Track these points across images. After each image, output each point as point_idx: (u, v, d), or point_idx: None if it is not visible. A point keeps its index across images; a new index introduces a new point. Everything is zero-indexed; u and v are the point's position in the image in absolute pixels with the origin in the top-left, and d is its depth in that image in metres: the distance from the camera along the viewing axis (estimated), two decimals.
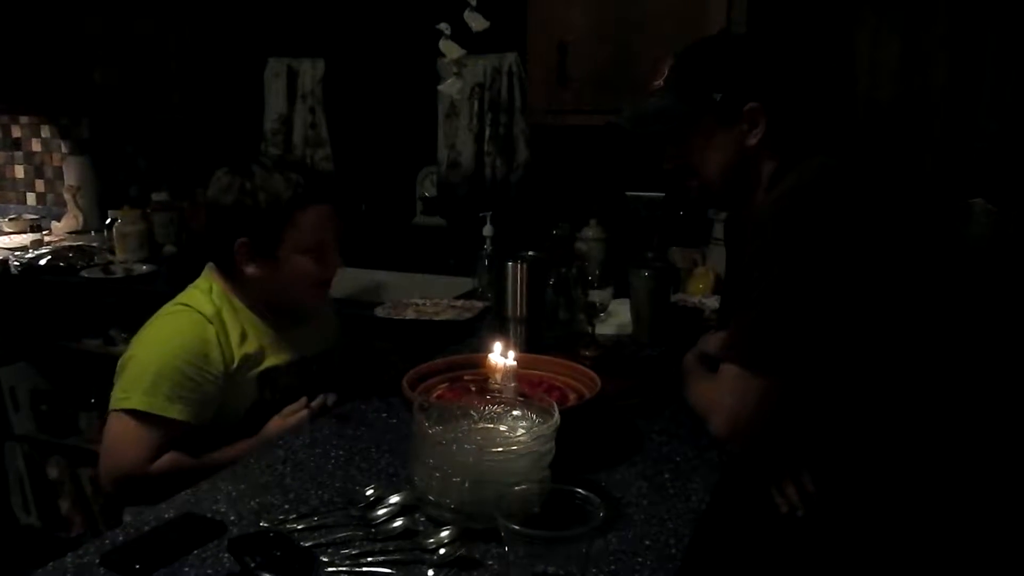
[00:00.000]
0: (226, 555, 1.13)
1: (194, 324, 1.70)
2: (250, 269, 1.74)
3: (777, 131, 1.44)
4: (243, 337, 1.74)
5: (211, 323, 1.71)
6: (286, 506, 1.29)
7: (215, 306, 1.74)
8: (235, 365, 1.71)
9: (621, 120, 1.58)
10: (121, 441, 1.64)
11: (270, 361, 1.77)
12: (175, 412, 1.63)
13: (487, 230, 2.77)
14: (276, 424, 1.72)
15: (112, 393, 1.67)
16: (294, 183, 1.71)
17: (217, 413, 1.71)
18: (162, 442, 1.63)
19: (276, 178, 1.70)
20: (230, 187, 1.71)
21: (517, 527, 1.02)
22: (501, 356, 1.45)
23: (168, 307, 1.76)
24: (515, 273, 1.98)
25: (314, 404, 1.72)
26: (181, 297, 1.77)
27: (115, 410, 1.65)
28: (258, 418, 1.74)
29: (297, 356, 1.83)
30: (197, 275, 1.84)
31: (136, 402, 1.62)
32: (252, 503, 1.30)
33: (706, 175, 1.50)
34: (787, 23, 2.54)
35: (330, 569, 1.10)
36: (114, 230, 3.28)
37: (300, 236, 1.72)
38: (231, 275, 1.78)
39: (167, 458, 1.63)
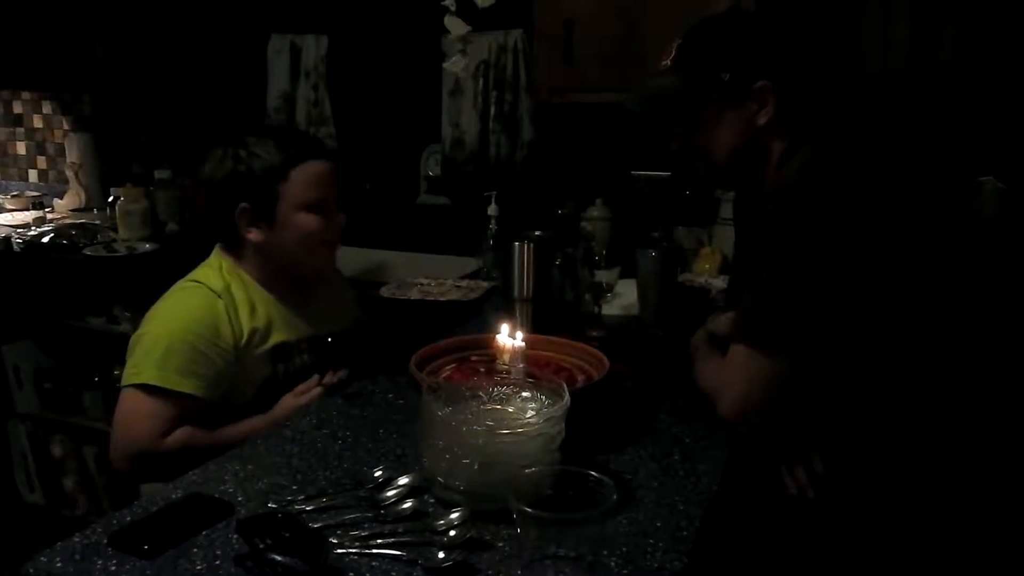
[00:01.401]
0: (235, 536, 1.13)
1: (204, 299, 1.71)
2: (253, 235, 1.74)
3: (787, 109, 1.43)
4: (252, 311, 1.74)
5: (220, 298, 1.71)
6: (294, 487, 1.29)
7: (224, 281, 1.74)
8: (244, 339, 1.71)
9: (628, 101, 1.56)
10: (134, 416, 1.63)
11: (280, 336, 1.77)
12: (188, 386, 1.63)
13: (492, 209, 2.75)
14: (288, 402, 1.71)
15: (124, 370, 1.67)
16: (286, 143, 1.75)
17: (230, 389, 1.70)
18: (175, 417, 1.62)
19: (268, 142, 1.73)
20: (224, 158, 1.73)
21: (530, 509, 1.02)
22: (509, 337, 1.44)
23: (179, 284, 1.77)
24: (521, 253, 1.97)
25: (325, 381, 1.71)
26: (191, 275, 1.78)
27: (127, 386, 1.64)
28: (272, 394, 1.74)
29: (309, 333, 1.82)
30: (200, 253, 1.84)
31: (148, 376, 1.62)
32: (260, 484, 1.30)
33: (715, 155, 1.49)
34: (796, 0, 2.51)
35: (339, 551, 1.10)
36: (117, 208, 3.26)
37: (297, 192, 1.72)
38: (237, 247, 1.79)
39: (180, 433, 1.63)
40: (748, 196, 1.62)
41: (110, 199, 3.36)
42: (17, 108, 4.02)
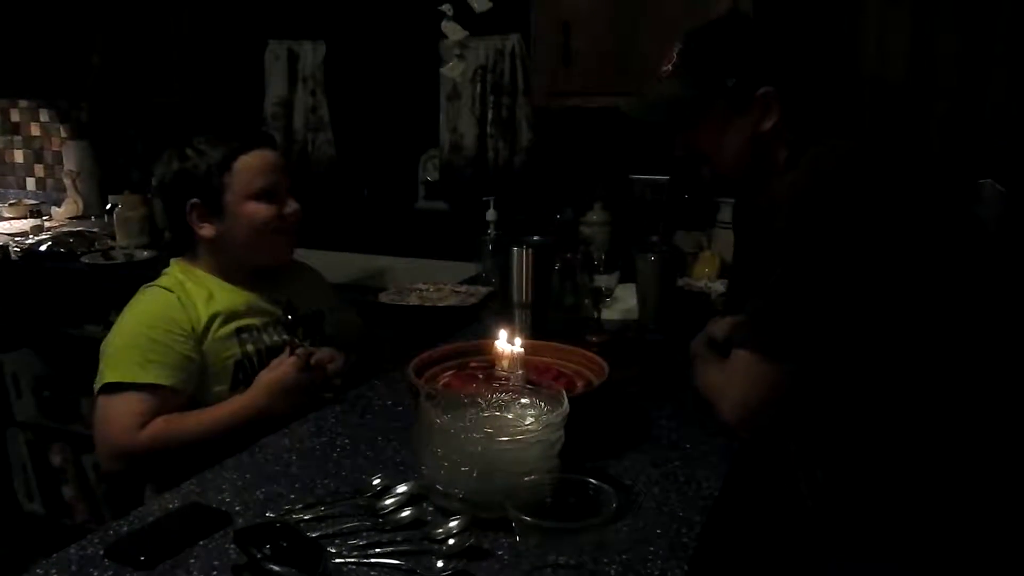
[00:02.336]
0: (232, 546, 1.12)
1: (156, 295, 1.74)
2: (206, 230, 1.76)
3: (791, 115, 1.42)
4: (209, 298, 1.75)
5: (172, 291, 1.73)
6: (292, 496, 1.28)
7: (178, 279, 1.77)
8: (203, 323, 1.71)
9: (630, 108, 1.55)
10: (106, 418, 1.64)
11: (245, 320, 1.77)
12: (150, 376, 1.63)
13: (490, 214, 2.75)
14: (264, 378, 1.70)
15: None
16: (228, 136, 1.78)
17: (203, 376, 1.70)
18: (147, 410, 1.62)
19: (210, 138, 1.77)
20: (171, 159, 1.77)
21: (529, 518, 1.01)
22: (508, 343, 1.43)
23: (136, 293, 1.79)
24: (521, 259, 1.96)
25: (297, 352, 1.71)
26: (148, 283, 1.80)
27: (97, 394, 1.66)
28: (248, 379, 1.73)
29: (277, 316, 1.82)
30: None
31: (109, 376, 1.63)
32: (258, 493, 1.29)
33: (719, 163, 1.47)
34: (793, 3, 2.51)
35: (338, 560, 1.09)
36: (115, 215, 3.25)
37: (243, 182, 1.75)
38: (194, 246, 1.81)
39: (156, 423, 1.62)
40: (750, 202, 1.61)
41: (108, 207, 3.36)
42: (15, 116, 4.02)
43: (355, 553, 1.11)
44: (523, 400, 1.30)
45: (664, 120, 1.51)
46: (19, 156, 4.06)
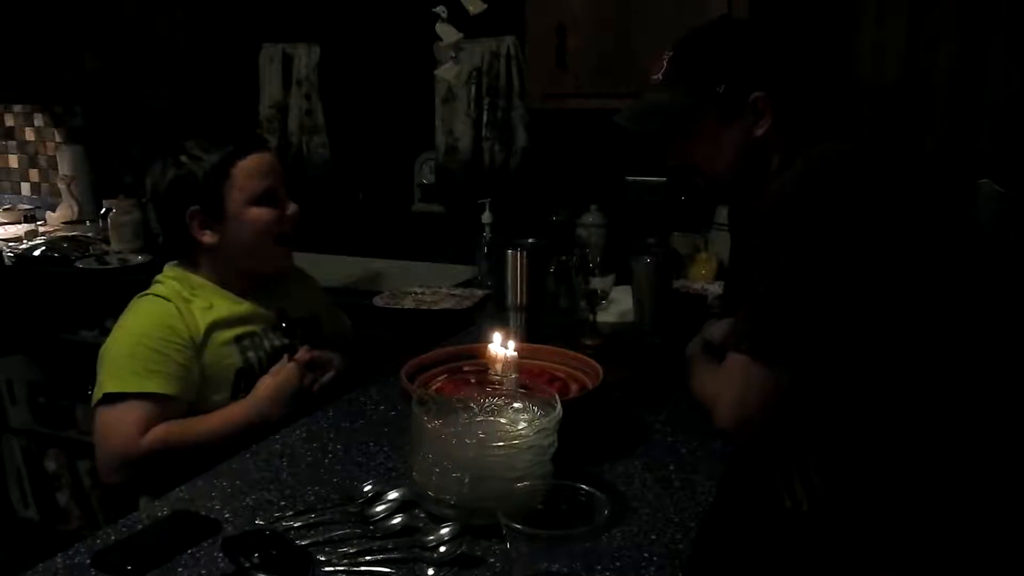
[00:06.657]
0: (220, 555, 1.10)
1: (154, 305, 1.71)
2: (207, 237, 1.74)
3: (783, 119, 1.40)
4: (209, 307, 1.73)
5: (170, 300, 1.71)
6: (282, 503, 1.26)
7: (175, 288, 1.74)
8: (203, 331, 1.69)
9: (621, 118, 1.54)
10: (106, 428, 1.62)
11: (244, 327, 1.76)
12: (151, 386, 1.61)
13: (486, 217, 2.74)
14: (266, 383, 1.70)
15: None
16: (223, 140, 1.75)
17: (204, 383, 1.69)
18: (146, 417, 1.61)
19: (205, 143, 1.74)
20: (165, 168, 1.74)
21: (520, 526, 0.99)
22: (501, 346, 1.42)
23: (132, 300, 1.77)
24: (515, 261, 1.95)
25: (297, 356, 1.71)
26: (144, 291, 1.78)
27: (95, 405, 1.64)
28: (249, 385, 1.72)
29: (276, 321, 1.81)
30: None
31: (109, 386, 1.62)
32: (247, 500, 1.27)
33: (713, 171, 1.46)
34: (789, 5, 2.50)
35: (327, 568, 1.08)
36: (109, 220, 3.25)
37: (243, 187, 1.72)
38: (193, 254, 1.78)
39: (156, 430, 1.61)
40: (745, 205, 1.60)
41: (102, 211, 3.34)
42: (9, 121, 4.01)
43: (345, 561, 1.09)
44: (516, 404, 1.28)
45: (656, 129, 1.50)
46: (13, 161, 4.06)
